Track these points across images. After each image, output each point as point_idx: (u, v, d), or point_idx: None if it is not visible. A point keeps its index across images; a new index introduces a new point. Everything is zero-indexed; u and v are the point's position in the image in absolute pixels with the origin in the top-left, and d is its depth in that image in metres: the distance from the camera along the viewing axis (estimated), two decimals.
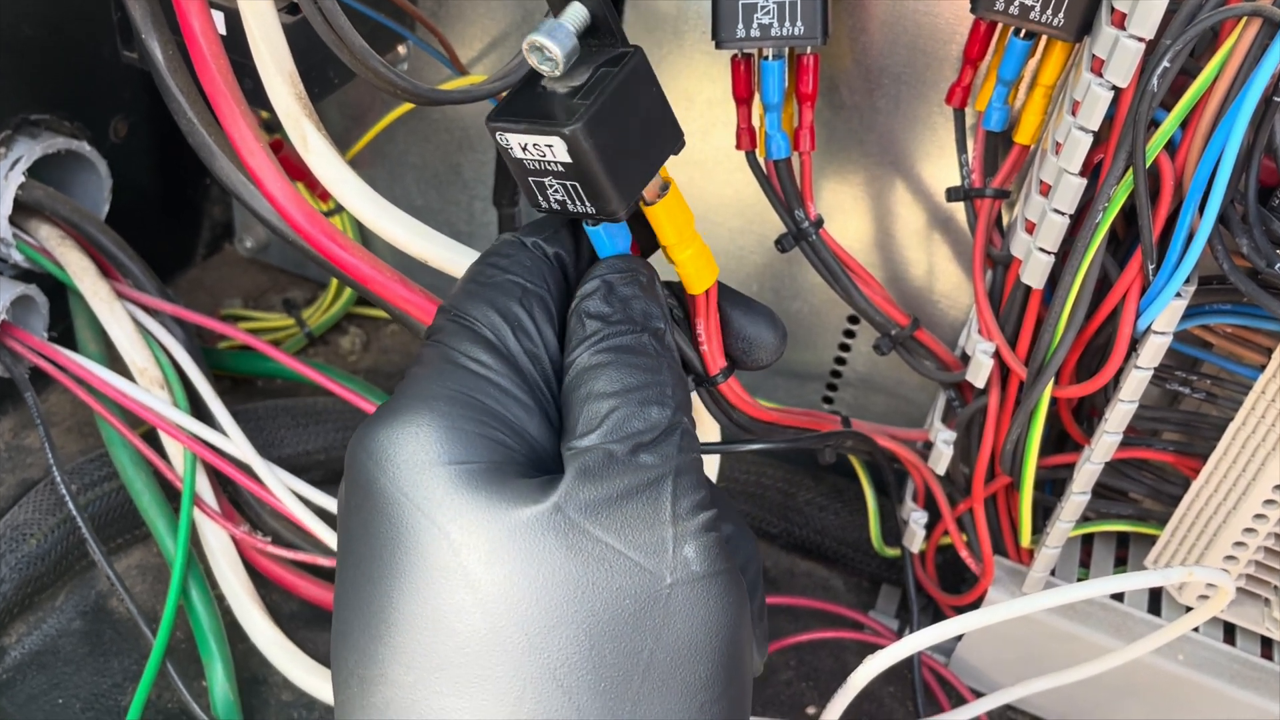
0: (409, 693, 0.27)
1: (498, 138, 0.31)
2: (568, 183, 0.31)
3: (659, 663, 0.28)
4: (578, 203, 0.32)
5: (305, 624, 0.52)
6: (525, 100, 0.31)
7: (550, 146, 0.30)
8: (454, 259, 0.40)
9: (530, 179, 0.32)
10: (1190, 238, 0.38)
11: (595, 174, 0.30)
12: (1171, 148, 0.38)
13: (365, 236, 0.64)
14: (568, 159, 0.30)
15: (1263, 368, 0.43)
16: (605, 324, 0.31)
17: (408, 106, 0.57)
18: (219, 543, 0.51)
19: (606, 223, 0.32)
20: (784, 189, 0.46)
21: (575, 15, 0.30)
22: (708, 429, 0.41)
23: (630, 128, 0.30)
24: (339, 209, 0.61)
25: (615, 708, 0.27)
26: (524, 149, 0.31)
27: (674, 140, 0.32)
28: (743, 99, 0.44)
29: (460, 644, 0.27)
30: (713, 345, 0.35)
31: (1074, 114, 0.38)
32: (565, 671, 0.27)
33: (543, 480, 0.28)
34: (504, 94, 0.36)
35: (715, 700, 0.29)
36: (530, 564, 0.27)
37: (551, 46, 0.30)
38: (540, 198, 0.32)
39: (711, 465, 0.46)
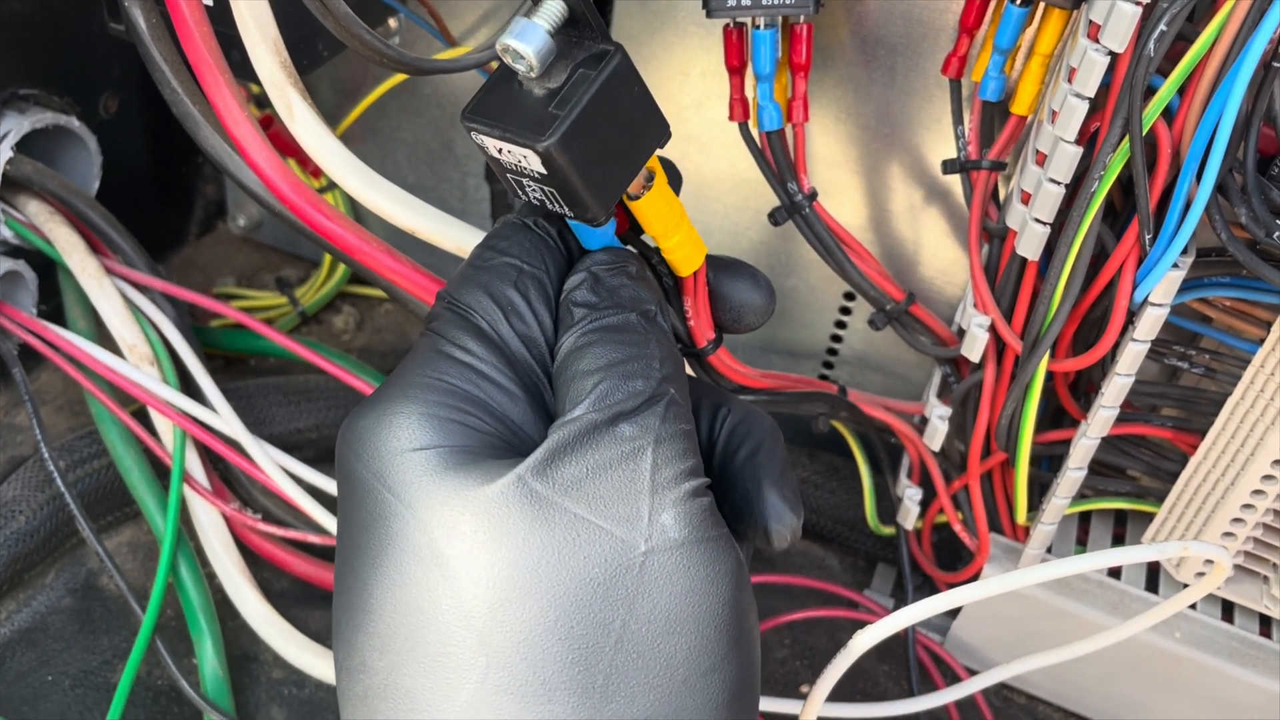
0: (383, 678, 0.27)
1: (473, 136, 0.30)
2: (545, 187, 0.30)
3: (633, 634, 0.27)
4: (557, 205, 0.31)
5: (296, 601, 0.52)
6: (501, 98, 0.30)
7: (525, 156, 0.29)
8: (441, 229, 0.40)
9: (509, 175, 0.31)
10: (1187, 206, 0.37)
11: (572, 186, 0.29)
12: (1169, 115, 0.37)
13: (359, 214, 0.63)
14: (543, 170, 0.29)
15: (1262, 341, 0.42)
16: (592, 310, 0.30)
17: (398, 79, 0.56)
18: (210, 520, 0.51)
19: None
20: (777, 161, 0.45)
21: (551, 12, 0.29)
22: None
23: (610, 134, 0.29)
24: (332, 185, 0.60)
25: (584, 679, 0.26)
26: (499, 151, 0.30)
27: (659, 136, 0.31)
28: (735, 69, 0.44)
29: (427, 623, 0.26)
30: (700, 319, 0.35)
31: (1070, 81, 0.38)
32: (530, 643, 0.26)
33: (516, 460, 0.28)
34: (491, 64, 0.35)
35: (703, 675, 0.27)
36: (494, 536, 0.26)
37: (524, 50, 0.28)
38: (520, 193, 0.32)
39: None
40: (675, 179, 0.35)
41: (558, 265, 0.32)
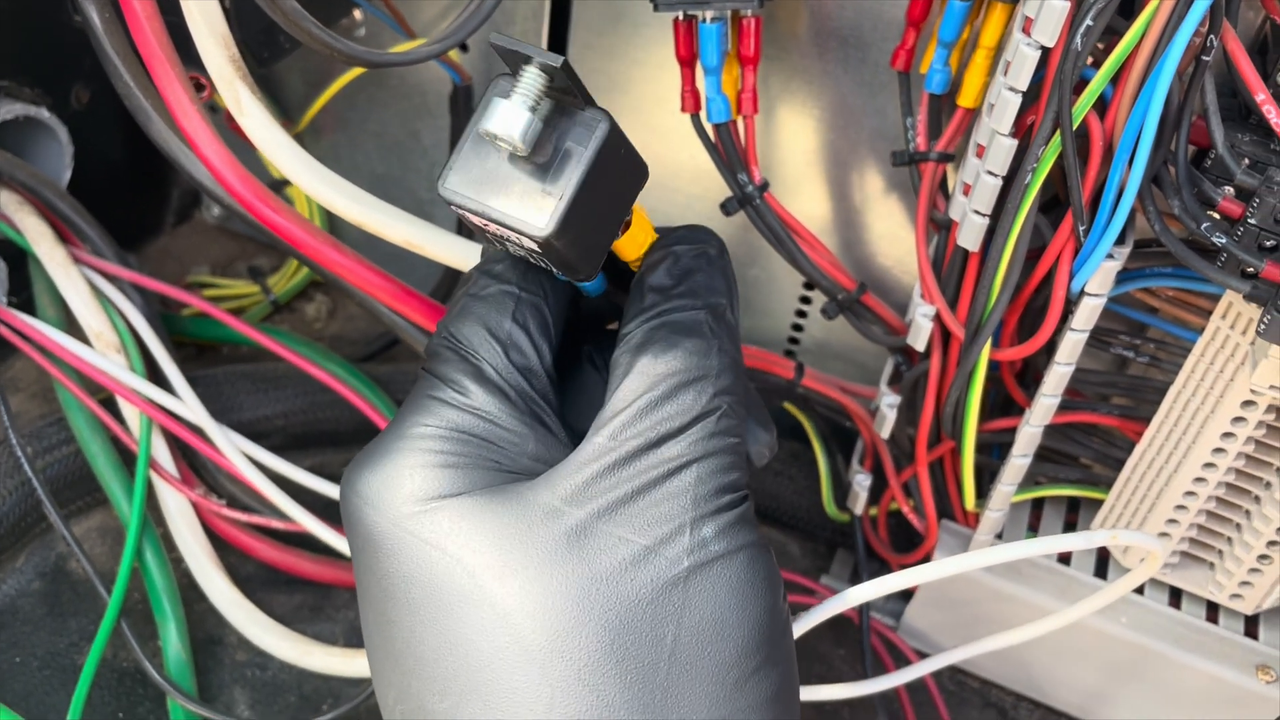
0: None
1: (453, 208, 0.30)
2: (535, 254, 0.30)
3: (685, 645, 0.28)
4: (543, 263, 0.30)
5: (261, 585, 0.53)
6: (482, 164, 0.28)
7: (520, 235, 0.28)
8: (387, 223, 0.40)
9: (489, 236, 0.31)
10: (1120, 198, 0.38)
11: (567, 259, 0.29)
12: (1103, 107, 0.38)
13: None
14: (538, 249, 0.29)
15: (1203, 331, 0.43)
16: (663, 297, 0.30)
17: (357, 71, 0.57)
18: (177, 505, 0.52)
19: None
20: (727, 152, 0.46)
21: (530, 85, 0.27)
22: None
23: (600, 199, 0.28)
24: None
25: (644, 696, 0.27)
26: (484, 224, 0.29)
27: (641, 181, 0.30)
28: (685, 61, 0.45)
29: (487, 662, 0.27)
30: None
31: (1005, 74, 0.38)
32: (590, 670, 0.27)
33: (551, 488, 0.29)
34: (451, 53, 0.34)
35: (750, 675, 0.28)
36: (543, 570, 0.27)
37: (509, 136, 0.27)
38: (501, 247, 0.31)
39: None
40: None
41: (554, 285, 0.32)
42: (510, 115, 0.27)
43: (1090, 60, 0.37)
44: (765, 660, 0.29)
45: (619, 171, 0.28)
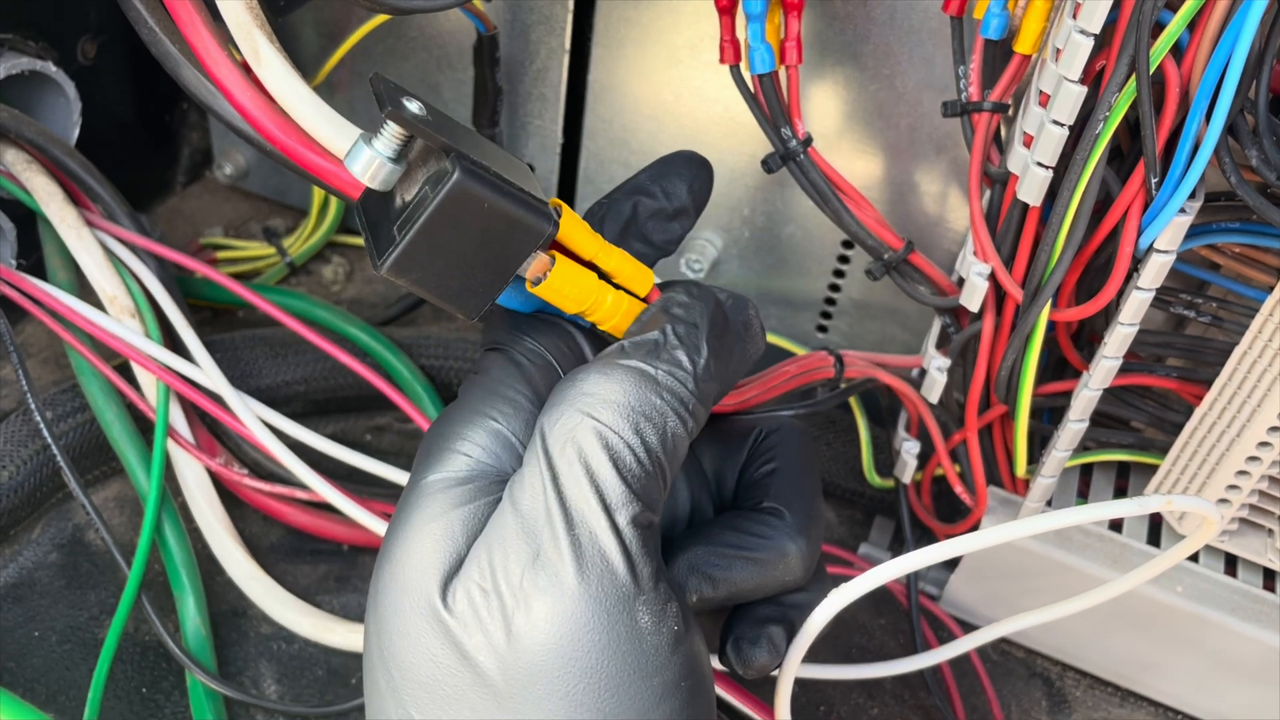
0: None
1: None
2: None
3: (495, 668, 0.27)
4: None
5: (286, 556, 0.51)
6: (380, 198, 0.30)
7: None
8: None
9: None
10: (1195, 149, 0.36)
11: (427, 297, 0.29)
12: (1178, 52, 0.36)
13: None
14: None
15: (1271, 289, 0.41)
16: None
17: (378, 20, 0.54)
18: (194, 477, 0.50)
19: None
20: (770, 105, 0.44)
21: (388, 136, 0.29)
22: None
23: (459, 249, 0.29)
24: None
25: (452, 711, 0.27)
26: None
27: (530, 238, 0.29)
28: (725, 9, 0.42)
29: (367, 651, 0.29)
30: None
31: (1075, 16, 0.36)
32: (398, 688, 0.28)
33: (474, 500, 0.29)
34: (476, 1, 0.32)
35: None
36: (399, 593, 0.28)
37: (354, 172, 0.29)
38: None
39: None
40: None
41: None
42: (357, 155, 0.29)
43: (1164, 2, 0.35)
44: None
45: (485, 220, 0.29)
